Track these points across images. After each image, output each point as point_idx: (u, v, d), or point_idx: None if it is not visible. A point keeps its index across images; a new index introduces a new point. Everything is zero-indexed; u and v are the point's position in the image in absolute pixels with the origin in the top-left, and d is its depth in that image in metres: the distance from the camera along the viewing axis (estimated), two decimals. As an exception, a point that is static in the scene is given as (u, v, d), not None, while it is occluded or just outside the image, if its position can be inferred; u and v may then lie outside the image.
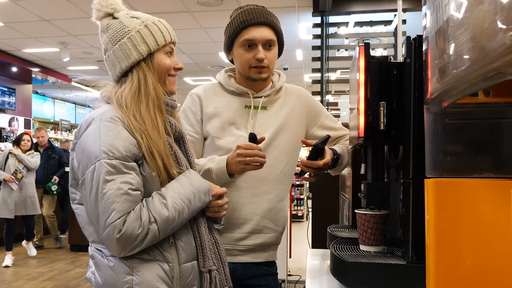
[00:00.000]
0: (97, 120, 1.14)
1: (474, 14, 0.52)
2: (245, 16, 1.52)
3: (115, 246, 1.08)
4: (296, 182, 9.63)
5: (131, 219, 1.07)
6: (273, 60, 1.56)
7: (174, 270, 1.15)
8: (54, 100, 13.15)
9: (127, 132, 1.13)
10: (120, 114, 1.15)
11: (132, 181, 1.10)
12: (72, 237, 6.35)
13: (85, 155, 1.11)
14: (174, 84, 1.28)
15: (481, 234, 0.70)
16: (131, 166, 1.11)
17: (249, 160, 1.40)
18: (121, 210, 1.07)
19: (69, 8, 5.78)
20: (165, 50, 1.24)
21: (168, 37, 1.24)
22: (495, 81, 0.51)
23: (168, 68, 1.24)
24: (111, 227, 1.06)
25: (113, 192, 1.07)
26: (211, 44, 7.45)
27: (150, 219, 1.10)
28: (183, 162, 1.22)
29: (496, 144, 0.81)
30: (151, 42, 1.21)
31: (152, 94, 1.19)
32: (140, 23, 1.22)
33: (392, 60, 1.14)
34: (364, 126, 1.10)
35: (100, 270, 1.15)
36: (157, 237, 1.11)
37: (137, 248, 1.10)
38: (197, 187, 1.19)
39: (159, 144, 1.15)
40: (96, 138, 1.11)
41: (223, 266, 1.25)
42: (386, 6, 4.88)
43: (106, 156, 1.08)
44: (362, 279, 1.03)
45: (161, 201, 1.13)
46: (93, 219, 1.11)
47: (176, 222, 1.14)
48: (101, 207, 1.07)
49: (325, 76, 4.93)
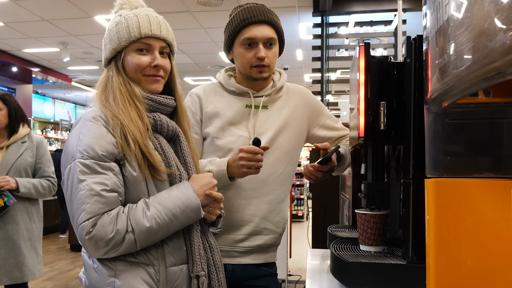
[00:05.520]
0: (82, 119, 1.14)
1: (474, 14, 0.52)
2: (245, 14, 1.50)
3: (87, 246, 1.07)
4: (296, 182, 9.63)
5: (103, 222, 1.05)
6: (274, 59, 1.55)
7: (160, 273, 1.12)
8: (54, 100, 13.15)
9: (106, 131, 1.11)
10: (103, 112, 1.13)
11: (107, 182, 1.07)
12: (72, 237, 6.35)
13: (65, 155, 1.12)
14: (153, 82, 1.19)
15: (481, 234, 0.70)
16: (107, 166, 1.08)
17: (253, 164, 1.39)
18: (91, 211, 1.04)
19: (69, 8, 5.77)
20: (136, 46, 1.18)
21: (136, 32, 1.16)
22: (495, 81, 0.51)
23: (137, 67, 1.17)
24: (81, 228, 1.05)
25: (84, 192, 1.05)
26: (211, 44, 7.44)
27: (128, 227, 1.06)
28: (173, 162, 1.17)
29: (496, 144, 0.81)
30: (121, 37, 1.17)
31: (118, 93, 1.16)
32: (125, 15, 1.19)
33: (392, 60, 1.13)
34: (364, 126, 1.10)
35: (87, 271, 1.15)
36: (134, 246, 1.08)
37: (112, 252, 1.07)
38: (187, 203, 1.12)
39: (135, 132, 1.11)
40: (75, 137, 1.10)
41: (217, 271, 1.21)
42: (386, 6, 4.88)
43: (80, 155, 1.07)
44: (362, 279, 1.03)
45: (144, 211, 1.09)
46: (70, 218, 1.10)
47: (158, 234, 1.10)
48: (74, 207, 1.06)
49: (325, 76, 4.93)
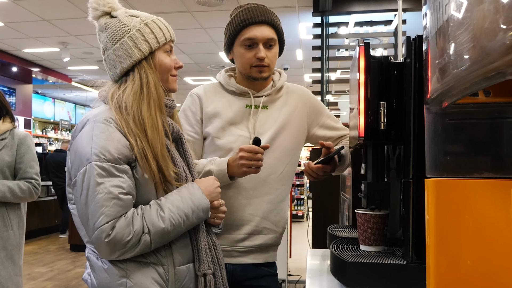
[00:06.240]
0: (91, 121, 1.13)
1: (474, 14, 0.52)
2: (245, 14, 1.51)
3: (104, 249, 1.07)
4: (296, 182, 9.63)
5: (121, 225, 1.06)
6: (274, 59, 1.55)
7: (169, 272, 1.15)
8: (54, 100, 13.15)
9: (120, 134, 1.11)
10: (114, 115, 1.13)
11: (123, 184, 1.08)
12: (72, 237, 6.35)
13: (77, 157, 1.11)
14: (175, 82, 1.28)
15: (481, 234, 0.70)
16: (122, 169, 1.10)
17: (253, 164, 1.39)
18: (110, 214, 1.05)
19: (69, 8, 5.77)
20: (165, 48, 1.23)
21: (168, 35, 1.24)
22: (495, 81, 0.51)
23: (169, 67, 1.24)
24: (99, 231, 1.05)
25: (102, 196, 1.06)
26: (211, 44, 7.44)
27: (144, 229, 1.08)
28: (179, 163, 1.21)
29: (496, 144, 0.81)
30: (152, 40, 1.20)
31: (154, 94, 1.18)
32: (140, 21, 1.21)
33: (392, 60, 1.13)
34: (364, 126, 1.10)
35: (95, 272, 1.14)
36: (149, 247, 1.10)
37: (127, 254, 1.08)
38: (198, 203, 1.17)
39: (156, 145, 1.13)
40: (88, 139, 1.10)
41: (220, 269, 1.24)
42: (386, 6, 4.88)
43: (97, 158, 1.07)
44: (362, 279, 1.03)
45: (159, 212, 1.11)
46: (84, 221, 1.10)
47: (171, 235, 1.13)
48: (91, 210, 1.06)
49: (325, 76, 4.93)
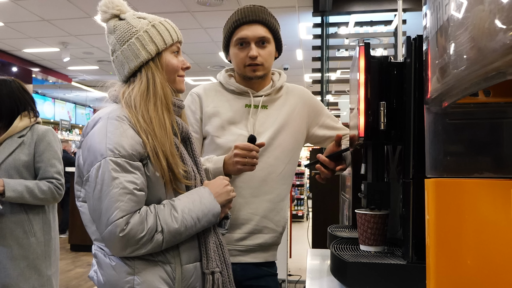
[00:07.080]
0: (104, 118, 1.14)
1: (474, 14, 0.52)
2: (238, 15, 1.54)
3: (116, 244, 1.07)
4: (296, 182, 9.63)
5: (135, 221, 1.07)
6: (268, 57, 1.56)
7: (176, 271, 1.15)
8: (54, 100, 13.15)
9: (133, 131, 1.13)
10: (127, 113, 1.15)
11: (137, 181, 1.10)
12: (72, 237, 6.34)
13: (91, 153, 1.12)
14: (183, 82, 1.29)
15: (481, 234, 0.70)
16: (136, 166, 1.11)
17: (248, 161, 1.40)
18: (125, 209, 1.06)
19: (69, 8, 5.78)
20: (172, 49, 1.25)
21: (175, 36, 1.25)
22: (495, 81, 0.51)
23: (176, 68, 1.25)
24: (113, 225, 1.05)
25: (117, 190, 1.07)
26: (211, 44, 7.45)
27: (157, 227, 1.09)
28: (188, 162, 1.22)
29: (496, 144, 0.81)
30: (159, 41, 1.22)
31: (160, 94, 1.19)
32: (147, 23, 1.22)
33: (392, 60, 1.13)
34: (364, 126, 1.10)
35: (102, 269, 1.15)
36: (160, 246, 1.11)
37: (138, 251, 1.09)
38: (209, 207, 1.18)
39: (165, 144, 1.14)
40: (102, 136, 1.11)
41: (227, 268, 1.25)
42: (386, 6, 4.88)
43: (112, 154, 1.08)
44: (362, 279, 1.03)
45: (172, 213, 1.12)
46: (95, 217, 1.11)
47: (182, 236, 1.14)
48: (105, 205, 1.07)
49: (325, 76, 4.93)
